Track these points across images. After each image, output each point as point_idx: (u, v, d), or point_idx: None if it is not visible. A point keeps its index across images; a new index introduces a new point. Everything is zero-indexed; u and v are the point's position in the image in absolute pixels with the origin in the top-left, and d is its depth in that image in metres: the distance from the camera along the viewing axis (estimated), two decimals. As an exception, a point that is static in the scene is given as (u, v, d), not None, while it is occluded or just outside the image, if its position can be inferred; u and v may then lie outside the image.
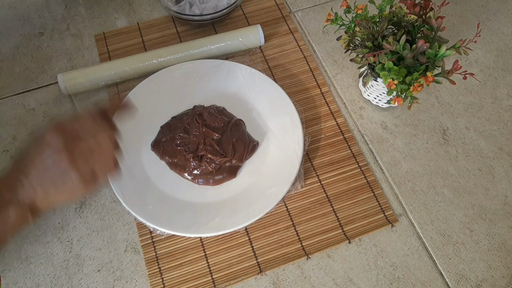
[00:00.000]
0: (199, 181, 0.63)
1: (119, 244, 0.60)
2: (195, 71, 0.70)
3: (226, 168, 0.63)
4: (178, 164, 0.63)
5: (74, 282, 0.58)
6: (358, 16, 0.62)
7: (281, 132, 0.65)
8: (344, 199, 0.63)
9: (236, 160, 0.63)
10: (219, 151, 0.63)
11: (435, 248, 0.60)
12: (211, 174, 0.62)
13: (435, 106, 0.71)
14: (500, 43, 0.78)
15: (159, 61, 0.71)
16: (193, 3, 0.77)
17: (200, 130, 0.64)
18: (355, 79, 0.74)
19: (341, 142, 0.67)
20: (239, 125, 0.66)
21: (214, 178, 0.62)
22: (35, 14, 0.81)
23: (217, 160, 0.62)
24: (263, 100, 0.68)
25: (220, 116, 0.65)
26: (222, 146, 0.63)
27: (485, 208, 0.63)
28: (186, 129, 0.64)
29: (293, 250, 0.60)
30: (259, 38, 0.74)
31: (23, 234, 0.61)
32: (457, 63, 0.56)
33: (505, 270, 0.58)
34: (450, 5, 0.80)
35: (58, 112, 0.71)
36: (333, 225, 0.61)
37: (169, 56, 0.72)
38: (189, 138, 0.64)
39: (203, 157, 0.62)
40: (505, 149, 0.67)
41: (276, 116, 0.67)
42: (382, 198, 0.63)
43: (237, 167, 0.63)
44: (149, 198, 0.60)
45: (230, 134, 0.64)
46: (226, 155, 0.63)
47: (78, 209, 0.63)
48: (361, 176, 0.65)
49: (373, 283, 0.58)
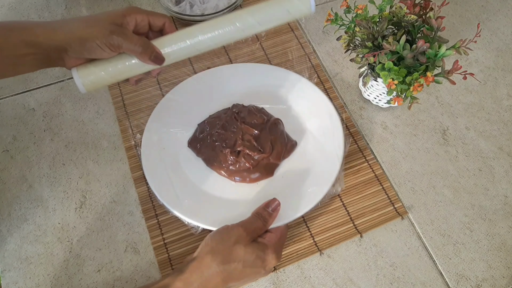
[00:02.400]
0: (236, 178, 0.62)
1: (119, 244, 0.60)
2: (236, 72, 0.70)
3: (263, 166, 0.62)
4: (215, 160, 0.63)
5: (74, 282, 0.58)
6: (358, 16, 0.62)
7: (320, 133, 0.65)
8: (353, 193, 0.63)
9: (273, 158, 0.62)
10: (257, 147, 0.62)
11: (435, 248, 0.60)
12: (248, 171, 0.62)
13: (435, 106, 0.71)
14: (500, 43, 0.78)
15: (192, 42, 0.53)
16: (193, 4, 0.77)
17: (239, 126, 0.63)
18: (355, 79, 0.74)
19: (347, 136, 0.67)
20: (278, 124, 0.65)
21: (251, 176, 0.62)
22: (35, 14, 0.81)
23: (255, 156, 0.62)
24: (301, 101, 0.68)
25: (259, 114, 0.65)
26: (260, 142, 0.63)
27: (485, 208, 0.63)
28: (224, 126, 0.64)
29: (306, 245, 0.60)
30: (310, 5, 0.54)
31: (23, 234, 0.61)
32: (457, 63, 0.56)
33: (505, 270, 0.58)
34: (450, 5, 0.80)
35: (58, 112, 0.71)
36: (344, 219, 0.61)
37: (207, 35, 0.53)
38: (227, 134, 0.63)
39: (240, 153, 0.62)
40: (505, 149, 0.67)
41: (315, 117, 0.66)
42: (390, 191, 0.63)
43: (274, 166, 0.63)
44: (185, 194, 0.60)
45: (268, 132, 0.64)
46: (264, 152, 0.62)
47: (78, 209, 0.63)
48: (369, 170, 0.65)
49: (373, 283, 0.58)
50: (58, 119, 0.70)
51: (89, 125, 0.69)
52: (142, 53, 0.50)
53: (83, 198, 0.63)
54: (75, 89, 0.73)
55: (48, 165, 0.66)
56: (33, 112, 0.71)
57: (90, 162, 0.66)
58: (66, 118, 0.70)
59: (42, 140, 0.68)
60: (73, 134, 0.69)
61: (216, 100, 0.69)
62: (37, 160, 0.66)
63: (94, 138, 0.68)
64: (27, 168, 0.66)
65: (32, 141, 0.68)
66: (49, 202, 0.63)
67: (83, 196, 0.64)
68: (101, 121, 0.70)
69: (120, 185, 0.64)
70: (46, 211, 0.62)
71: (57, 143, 0.68)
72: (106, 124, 0.70)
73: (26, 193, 0.64)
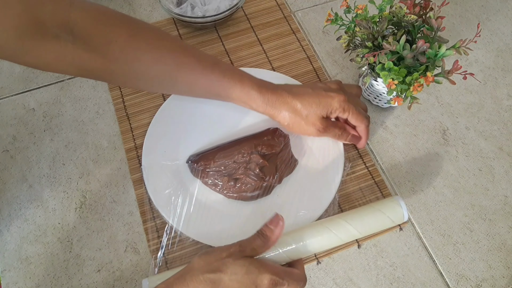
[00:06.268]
0: (231, 196, 0.62)
1: (119, 244, 0.60)
2: None
3: (263, 187, 0.62)
4: (213, 183, 0.62)
5: (74, 282, 0.58)
6: (358, 16, 0.62)
7: (321, 153, 0.64)
8: (352, 199, 0.63)
9: (276, 181, 0.62)
10: (261, 176, 0.61)
11: (435, 248, 0.60)
12: (245, 192, 0.61)
13: (435, 106, 0.71)
14: (500, 43, 0.78)
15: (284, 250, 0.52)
16: (195, 5, 0.76)
17: (247, 157, 0.62)
18: (355, 79, 0.74)
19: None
20: (287, 147, 0.64)
21: (248, 195, 0.61)
22: (35, 14, 0.81)
23: (255, 183, 0.61)
24: None
25: (275, 143, 0.63)
26: (265, 170, 0.61)
27: (485, 208, 0.63)
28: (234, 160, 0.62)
29: None
30: (403, 212, 0.56)
31: (23, 234, 0.61)
32: (457, 63, 0.56)
33: (505, 270, 0.58)
34: (450, 5, 0.81)
35: (58, 112, 0.71)
36: None
37: (302, 242, 0.53)
38: (229, 164, 0.62)
39: (238, 180, 0.61)
40: (505, 149, 0.67)
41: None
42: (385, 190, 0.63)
43: (273, 186, 0.62)
44: (177, 199, 0.60)
45: (276, 157, 0.62)
46: (267, 178, 0.61)
47: (78, 209, 0.63)
48: (368, 177, 0.64)
49: (373, 283, 0.58)
50: (58, 119, 0.70)
51: (89, 125, 0.69)
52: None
53: (83, 198, 0.63)
54: (75, 89, 0.73)
55: (48, 165, 0.66)
56: (33, 112, 0.71)
57: (90, 162, 0.66)
58: (66, 118, 0.70)
59: (42, 140, 0.68)
60: (73, 134, 0.69)
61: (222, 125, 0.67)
62: (37, 160, 0.66)
63: (94, 138, 0.68)
64: (27, 168, 0.66)
65: (32, 141, 0.68)
66: (49, 202, 0.63)
67: (83, 196, 0.64)
68: (101, 121, 0.70)
69: (120, 185, 0.64)
70: (46, 211, 0.62)
71: (57, 143, 0.68)
72: (106, 124, 0.70)
73: (26, 193, 0.64)
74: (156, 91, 0.69)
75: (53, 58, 0.49)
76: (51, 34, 0.47)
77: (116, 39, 0.51)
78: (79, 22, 0.49)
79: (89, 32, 0.50)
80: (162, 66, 0.55)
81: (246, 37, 0.78)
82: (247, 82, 0.57)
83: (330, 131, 0.60)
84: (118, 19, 0.53)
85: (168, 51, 0.55)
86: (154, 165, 0.63)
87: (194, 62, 0.56)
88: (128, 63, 0.53)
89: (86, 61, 0.51)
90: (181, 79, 0.56)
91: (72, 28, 0.48)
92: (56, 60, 0.50)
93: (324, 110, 0.58)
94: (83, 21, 0.49)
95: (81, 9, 0.49)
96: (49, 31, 0.47)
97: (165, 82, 0.57)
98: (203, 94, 0.59)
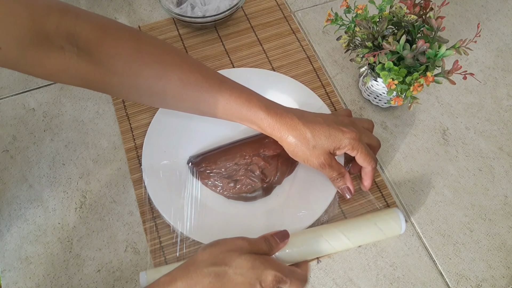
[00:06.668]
0: (231, 196, 0.62)
1: (119, 244, 0.60)
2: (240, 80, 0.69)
3: (263, 188, 0.61)
4: (208, 185, 0.62)
5: (74, 282, 0.58)
6: (358, 16, 0.62)
7: None
8: (352, 200, 0.62)
9: (276, 182, 0.62)
10: (262, 177, 0.61)
11: (435, 248, 0.60)
12: (245, 193, 0.61)
13: (435, 106, 0.71)
14: (500, 43, 0.78)
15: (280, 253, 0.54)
16: (195, 5, 0.76)
17: (249, 159, 0.61)
18: (355, 79, 0.74)
19: None
20: None
21: (248, 196, 0.61)
22: (35, 14, 0.81)
23: (256, 184, 0.61)
24: None
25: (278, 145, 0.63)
26: (266, 171, 0.61)
27: (485, 208, 0.63)
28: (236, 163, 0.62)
29: None
30: (400, 225, 0.57)
31: (23, 234, 0.61)
32: (457, 63, 0.56)
33: (505, 270, 0.58)
34: (450, 5, 0.81)
35: (58, 112, 0.71)
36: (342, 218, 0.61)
37: (296, 248, 0.55)
38: (229, 166, 0.62)
39: (238, 181, 0.61)
40: (505, 149, 0.67)
41: None
42: (390, 199, 0.63)
43: (273, 187, 0.62)
44: (177, 200, 0.60)
45: (277, 158, 0.62)
46: (268, 179, 0.61)
47: (78, 209, 0.63)
48: None
49: (373, 283, 0.58)
50: (58, 119, 0.70)
51: (89, 125, 0.69)
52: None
53: (83, 198, 0.63)
54: (75, 89, 0.73)
55: (48, 165, 0.66)
56: (33, 112, 0.71)
57: (90, 162, 0.66)
58: (66, 118, 0.70)
59: (42, 140, 0.68)
60: (73, 134, 0.69)
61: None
62: (37, 160, 0.66)
63: (94, 138, 0.68)
64: (27, 168, 0.66)
65: (32, 141, 0.68)
66: (49, 202, 0.63)
67: (83, 196, 0.64)
68: (101, 121, 0.70)
69: (120, 185, 0.64)
70: (46, 211, 0.62)
71: (57, 143, 0.68)
72: (106, 124, 0.70)
73: (26, 193, 0.64)
74: (159, 106, 0.66)
75: (57, 69, 0.49)
76: (56, 45, 0.47)
77: (120, 52, 0.51)
78: (84, 35, 0.48)
79: (94, 44, 0.49)
80: (165, 82, 0.53)
81: (246, 37, 0.78)
82: (255, 101, 0.55)
83: (329, 171, 0.57)
84: (123, 33, 0.52)
85: (172, 67, 0.54)
86: (154, 165, 0.63)
87: (201, 80, 0.54)
88: (131, 77, 0.52)
89: (89, 74, 0.50)
90: (185, 97, 0.55)
91: (77, 40, 0.48)
92: (60, 71, 0.49)
93: (332, 144, 0.55)
94: (89, 33, 0.49)
95: (87, 21, 0.49)
96: (54, 42, 0.47)
97: (167, 99, 0.56)
98: (209, 113, 0.57)
